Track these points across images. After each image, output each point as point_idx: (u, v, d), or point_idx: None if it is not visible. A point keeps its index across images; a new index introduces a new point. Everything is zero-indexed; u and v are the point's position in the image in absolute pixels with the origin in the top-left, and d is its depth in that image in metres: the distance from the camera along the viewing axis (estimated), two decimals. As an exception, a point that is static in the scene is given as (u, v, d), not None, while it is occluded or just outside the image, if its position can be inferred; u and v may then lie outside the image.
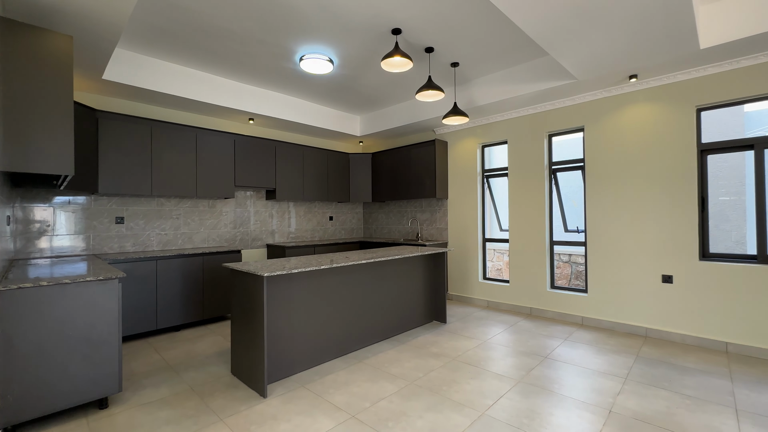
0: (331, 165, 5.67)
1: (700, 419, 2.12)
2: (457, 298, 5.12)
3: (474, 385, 2.57)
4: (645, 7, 2.34)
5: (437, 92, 3.44)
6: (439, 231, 5.34)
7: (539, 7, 2.34)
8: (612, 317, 3.77)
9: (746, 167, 4.72)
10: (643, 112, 3.60)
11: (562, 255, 5.32)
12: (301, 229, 5.67)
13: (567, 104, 4.08)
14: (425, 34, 3.20)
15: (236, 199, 4.91)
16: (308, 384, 2.60)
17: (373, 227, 6.40)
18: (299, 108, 4.94)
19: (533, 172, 4.36)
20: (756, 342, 3.02)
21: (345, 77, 4.18)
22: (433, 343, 3.41)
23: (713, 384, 2.54)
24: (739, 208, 4.89)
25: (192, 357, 3.12)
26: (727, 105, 3.25)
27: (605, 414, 2.19)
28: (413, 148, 5.33)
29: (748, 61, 3.05)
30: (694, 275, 3.31)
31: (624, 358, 3.00)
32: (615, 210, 3.77)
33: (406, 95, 4.83)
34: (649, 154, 3.55)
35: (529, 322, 4.06)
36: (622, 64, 3.18)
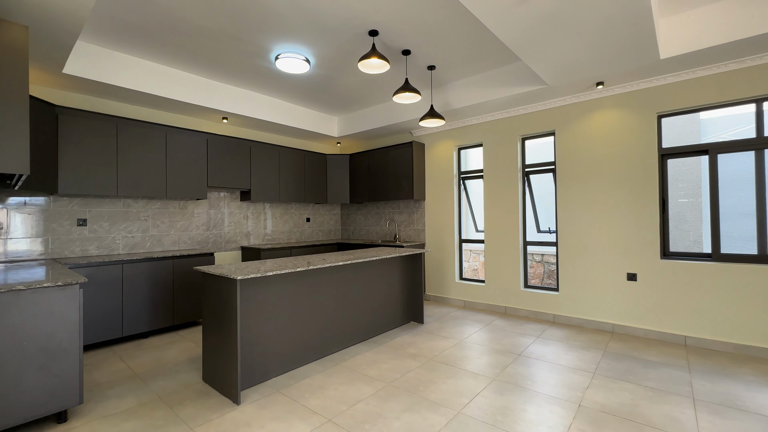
0: (308, 166, 5.61)
1: (662, 409, 2.23)
2: (435, 299, 5.17)
3: (450, 384, 2.60)
4: (610, 18, 2.46)
5: (414, 94, 3.47)
6: (417, 232, 5.38)
7: (511, 13, 2.40)
8: (581, 314, 3.92)
9: (702, 171, 5.04)
10: (610, 117, 3.76)
11: (535, 255, 5.48)
12: (278, 231, 5.57)
13: (539, 109, 4.21)
14: (402, 36, 3.23)
15: (209, 200, 4.76)
16: (284, 389, 2.55)
17: (351, 229, 6.37)
18: (275, 108, 4.86)
19: (507, 175, 4.47)
20: (711, 335, 3.22)
21: (322, 77, 4.15)
22: (410, 343, 3.43)
23: (673, 376, 2.69)
24: (696, 209, 5.21)
25: (161, 365, 3.00)
26: (685, 112, 3.46)
27: (575, 408, 2.26)
28: (391, 150, 5.35)
29: (704, 72, 3.25)
30: (656, 273, 3.49)
31: (592, 354, 3.13)
32: (584, 211, 3.92)
33: (384, 97, 4.84)
34: (615, 158, 3.72)
35: (503, 320, 4.15)
36: (590, 72, 3.32)
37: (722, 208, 3.33)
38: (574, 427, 2.07)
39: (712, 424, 2.07)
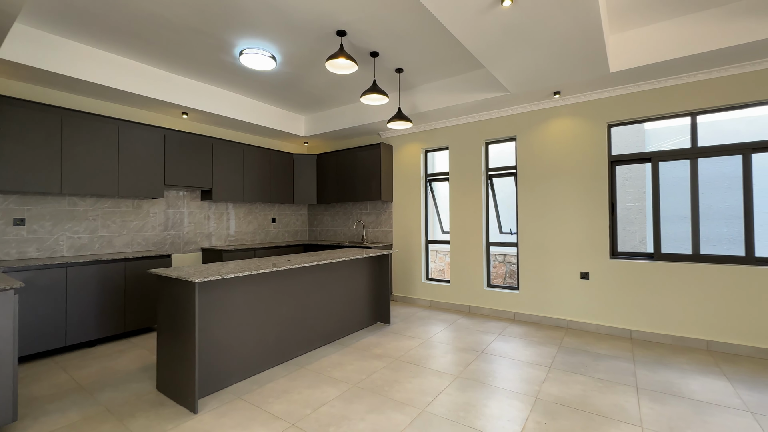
0: (274, 165, 5.47)
1: (609, 399, 2.39)
2: (401, 299, 5.22)
3: (415, 383, 2.63)
4: (565, 32, 2.61)
5: (382, 96, 3.49)
6: (384, 233, 5.41)
7: (476, 22, 2.49)
8: (540, 312, 4.11)
9: (646, 177, 5.47)
10: (565, 125, 3.99)
11: (498, 255, 5.69)
12: (241, 232, 5.39)
13: (502, 115, 4.38)
14: (370, 38, 3.24)
15: (167, 199, 4.52)
16: (245, 395, 2.47)
17: (318, 229, 6.29)
18: (239, 104, 4.70)
19: (472, 177, 4.61)
20: (653, 328, 3.49)
21: (289, 75, 4.07)
22: (376, 344, 3.44)
23: (620, 367, 2.89)
24: (642, 212, 5.64)
25: (109, 374, 2.80)
26: (632, 123, 3.74)
27: (532, 401, 2.37)
28: (359, 151, 5.35)
29: (648, 86, 3.53)
30: (606, 272, 3.73)
31: (549, 349, 3.29)
32: (542, 213, 4.12)
33: (352, 97, 4.83)
34: (570, 164, 3.95)
35: (467, 319, 4.27)
36: (548, 81, 3.50)
37: (663, 212, 3.63)
38: (530, 419, 2.17)
39: (652, 410, 2.25)
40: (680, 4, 2.82)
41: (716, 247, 3.49)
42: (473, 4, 2.29)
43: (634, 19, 3.03)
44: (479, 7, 2.32)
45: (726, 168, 3.44)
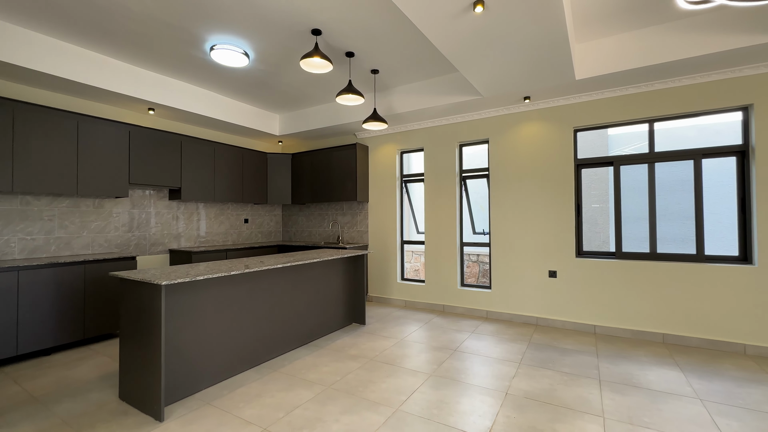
0: (246, 164, 5.34)
1: (574, 391, 2.50)
2: (377, 299, 5.23)
3: (390, 383, 2.65)
4: (534, 40, 2.71)
5: (357, 97, 3.49)
6: (360, 234, 5.40)
7: (450, 26, 2.54)
8: (511, 310, 4.24)
9: (609, 180, 5.76)
10: (535, 129, 4.14)
11: (472, 255, 5.82)
12: (212, 233, 5.23)
13: (475, 118, 4.49)
14: (346, 38, 3.23)
15: (132, 198, 4.31)
16: (215, 400, 2.40)
17: (292, 230, 6.19)
18: (211, 101, 4.56)
19: (446, 179, 4.69)
20: (615, 323, 3.68)
21: (263, 73, 3.99)
22: (351, 345, 3.43)
23: (584, 361, 3.03)
24: (605, 213, 5.93)
25: (67, 384, 2.64)
26: (596, 128, 3.93)
27: (502, 396, 2.44)
28: (335, 151, 5.32)
29: (610, 93, 3.72)
30: (572, 270, 3.90)
31: (519, 345, 3.40)
32: (513, 214, 4.25)
33: (328, 97, 4.80)
34: (539, 166, 4.10)
35: (441, 318, 4.34)
36: (518, 86, 3.62)
37: (624, 213, 3.84)
38: (501, 413, 2.23)
39: (613, 401, 2.37)
40: (639, 17, 3.00)
41: (671, 246, 3.73)
42: (447, 9, 2.33)
43: (597, 30, 3.19)
44: (453, 12, 2.37)
45: (680, 172, 3.68)
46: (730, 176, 3.41)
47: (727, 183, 3.45)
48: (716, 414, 2.20)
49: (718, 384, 2.59)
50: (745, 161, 3.29)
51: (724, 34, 2.86)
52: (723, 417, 2.17)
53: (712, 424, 2.10)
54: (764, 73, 3.13)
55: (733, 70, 3.21)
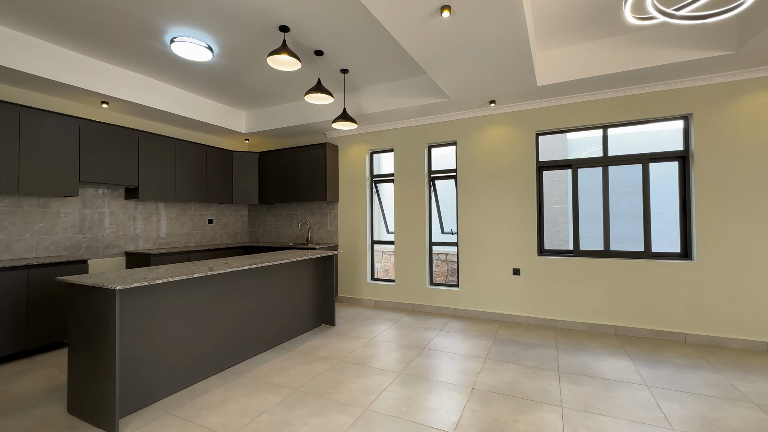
0: (211, 162, 5.14)
1: (536, 384, 2.62)
2: (347, 300, 5.21)
3: (359, 383, 2.65)
4: (498, 46, 2.81)
5: (326, 96, 3.46)
6: (330, 234, 5.36)
7: (418, 29, 2.58)
8: (478, 307, 4.37)
9: (568, 182, 6.08)
10: (500, 132, 4.29)
11: (440, 254, 5.93)
12: (174, 234, 4.99)
13: (443, 120, 4.58)
14: (315, 36, 3.20)
15: (82, 197, 4.03)
16: (176, 409, 2.29)
17: (260, 231, 6.03)
18: (171, 96, 4.35)
19: (416, 179, 4.76)
20: (573, 317, 3.89)
21: (228, 68, 3.86)
22: (321, 346, 3.40)
23: (545, 354, 3.18)
24: (565, 213, 6.26)
25: (7, 399, 2.42)
26: (556, 132, 4.13)
27: (468, 391, 2.52)
28: (304, 150, 5.24)
29: (569, 100, 3.93)
30: (534, 268, 4.08)
31: (485, 341, 3.51)
32: (480, 214, 4.39)
33: (297, 95, 4.72)
34: (504, 168, 4.25)
35: (411, 317, 4.40)
36: (484, 90, 3.74)
37: (581, 213, 4.06)
38: (467, 408, 2.30)
39: (570, 391, 2.50)
40: (594, 29, 3.19)
41: (623, 244, 4.00)
42: (415, 13, 2.37)
43: (557, 39, 3.36)
44: (421, 15, 2.41)
45: (630, 175, 3.95)
46: (673, 179, 3.71)
47: (671, 185, 3.75)
48: (660, 398, 2.39)
49: (663, 371, 2.80)
50: (686, 166, 3.59)
51: (667, 49, 3.11)
52: (666, 401, 2.36)
53: (657, 407, 2.28)
54: (702, 86, 3.43)
55: (676, 81, 3.49)
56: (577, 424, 2.11)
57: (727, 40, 2.94)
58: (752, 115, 3.26)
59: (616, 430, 2.05)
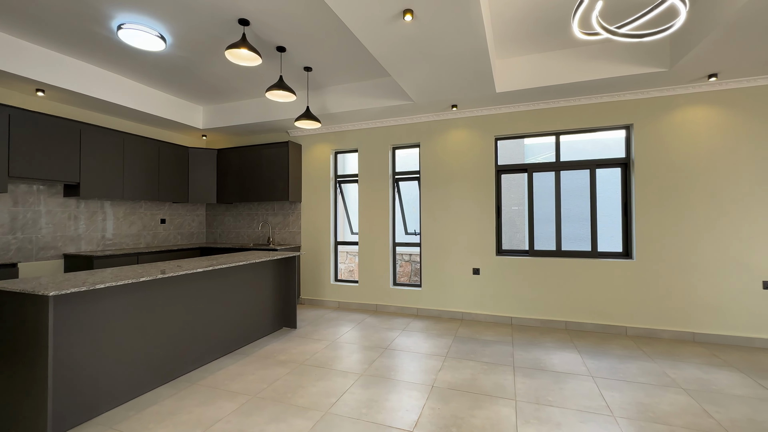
0: (164, 159, 4.85)
1: (492, 379, 2.72)
2: (310, 302, 5.13)
3: (320, 386, 2.61)
4: (458, 52, 2.89)
5: (288, 94, 3.39)
6: (292, 235, 5.24)
7: (381, 31, 2.59)
8: (439, 306, 4.46)
9: (525, 185, 6.38)
10: (462, 136, 4.42)
11: (405, 255, 6.00)
12: (121, 235, 4.65)
13: (407, 122, 4.64)
14: (277, 32, 3.11)
15: (13, 194, 3.64)
16: (119, 423, 2.13)
17: (218, 231, 5.78)
18: (120, 86, 4.05)
19: (380, 180, 4.78)
20: (528, 314, 4.09)
21: (184, 60, 3.66)
22: (281, 350, 3.31)
23: (502, 350, 3.31)
24: (522, 215, 6.56)
25: None
26: (513, 137, 4.32)
27: (428, 389, 2.56)
28: (265, 148, 5.09)
29: (525, 107, 4.13)
30: (492, 267, 4.24)
31: (445, 340, 3.59)
32: (441, 215, 4.49)
33: (259, 91, 4.58)
34: (465, 171, 4.38)
35: (374, 318, 4.40)
36: (446, 95, 3.83)
37: (536, 215, 4.28)
38: (427, 406, 2.34)
39: (524, 384, 2.63)
40: (547, 42, 3.37)
41: (573, 244, 4.26)
42: (378, 15, 2.38)
43: (515, 49, 3.51)
44: (384, 18, 2.42)
45: (579, 180, 4.21)
46: (616, 184, 4.00)
47: (615, 190, 4.05)
48: (603, 388, 2.57)
49: (606, 362, 3.02)
50: (627, 172, 3.89)
51: (611, 64, 3.36)
52: (608, 390, 2.54)
53: (600, 396, 2.45)
54: (641, 99, 3.73)
55: (619, 94, 3.77)
56: (529, 416, 2.22)
57: (662, 59, 3.22)
58: (684, 127, 3.60)
59: (564, 419, 2.18)
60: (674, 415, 2.21)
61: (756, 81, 3.36)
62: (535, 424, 2.13)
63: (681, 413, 2.23)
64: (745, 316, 3.39)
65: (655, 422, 2.14)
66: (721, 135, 3.49)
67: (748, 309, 3.38)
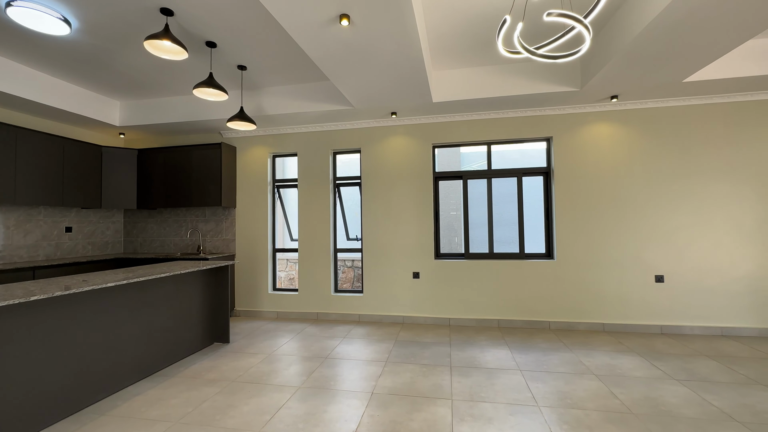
0: (70, 159, 4.26)
1: (431, 380, 2.78)
2: (245, 314, 4.83)
3: (253, 404, 2.45)
4: (395, 61, 2.95)
5: (219, 92, 3.19)
6: (226, 242, 4.91)
7: (318, 34, 2.55)
8: (381, 311, 4.48)
9: (461, 191, 6.71)
10: (401, 143, 4.51)
11: (347, 261, 5.94)
12: (13, 246, 3.97)
13: (348, 127, 4.63)
14: (205, 26, 2.91)
15: None
16: (0, 472, 1.79)
17: (139, 240, 5.21)
18: (11, 73, 3.48)
19: (320, 185, 4.69)
20: (464, 315, 4.28)
21: (96, 49, 3.26)
22: (210, 368, 3.06)
23: (440, 351, 3.41)
24: (460, 220, 6.89)
25: None
26: (450, 146, 4.52)
27: (368, 397, 2.54)
28: (195, 150, 4.72)
29: (460, 117, 4.35)
30: (431, 271, 4.37)
31: (386, 345, 3.61)
32: (383, 221, 4.53)
33: (186, 88, 4.24)
34: (405, 177, 4.48)
35: (315, 327, 4.28)
36: (385, 102, 3.89)
37: (471, 219, 4.52)
38: (366, 414, 2.31)
39: (460, 383, 2.72)
40: (478, 57, 3.59)
41: (504, 247, 4.56)
42: (314, 17, 2.34)
43: (449, 62, 3.69)
44: (320, 21, 2.39)
45: (509, 187, 4.53)
46: (540, 191, 4.38)
47: (539, 196, 4.42)
48: (530, 380, 2.76)
49: (532, 356, 3.26)
50: (549, 180, 4.28)
51: (533, 81, 3.68)
52: (534, 381, 2.74)
53: (527, 388, 2.63)
54: (559, 114, 4.14)
55: (541, 109, 4.15)
56: (464, 413, 2.30)
57: (575, 80, 3.61)
58: (593, 141, 4.06)
59: (495, 413, 2.29)
60: (588, 400, 2.45)
61: (647, 104, 3.92)
62: (469, 421, 2.21)
63: (593, 397, 2.48)
64: (642, 306, 3.90)
65: (573, 408, 2.35)
66: (621, 149, 4.00)
67: (645, 300, 3.90)
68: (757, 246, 3.71)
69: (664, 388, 2.60)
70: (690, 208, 3.85)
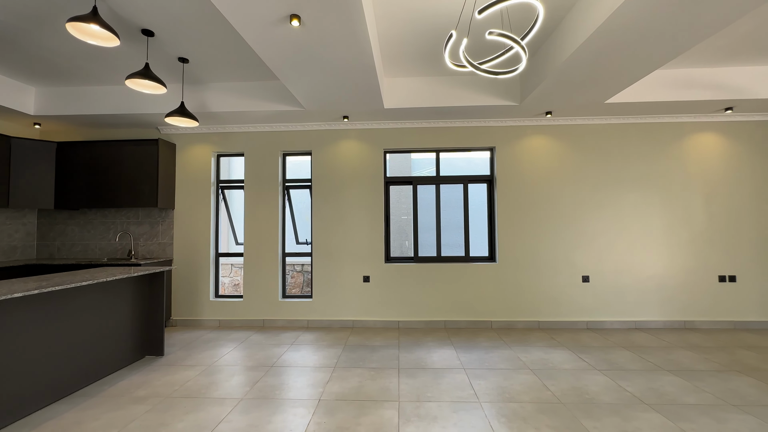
0: (-32, 150, 3.68)
1: (379, 384, 2.80)
2: (184, 323, 4.50)
3: (189, 420, 2.29)
4: (346, 64, 2.96)
5: (156, 84, 2.96)
6: (162, 247, 4.55)
7: (266, 32, 2.47)
8: (330, 316, 4.42)
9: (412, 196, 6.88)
10: (353, 147, 4.52)
11: (296, 265, 5.79)
12: None
13: (299, 129, 4.53)
14: (141, 12, 2.70)
15: None
16: None
17: (56, 244, 4.63)
18: None
19: (269, 187, 4.53)
20: (413, 317, 4.37)
21: (5, 26, 2.86)
22: (140, 384, 2.80)
23: (389, 354, 3.45)
24: (411, 224, 7.05)
25: None
26: (400, 152, 4.62)
27: (315, 404, 2.49)
28: (128, 145, 4.32)
29: (410, 124, 4.47)
30: (381, 274, 4.42)
31: (335, 350, 3.57)
32: (333, 224, 4.49)
33: (119, 78, 3.88)
34: (357, 181, 4.49)
35: (260, 334, 4.11)
36: (336, 105, 3.88)
37: (420, 224, 4.65)
38: (312, 422, 2.26)
39: (407, 385, 2.78)
40: (427, 67, 3.72)
41: (450, 250, 4.75)
42: (264, 15, 2.27)
43: (400, 70, 3.78)
44: (270, 20, 2.32)
45: (456, 193, 4.74)
46: (484, 197, 4.63)
47: (483, 202, 4.68)
48: (473, 377, 2.90)
49: (475, 354, 3.42)
50: (492, 187, 4.55)
51: (478, 94, 3.90)
52: (476, 379, 2.87)
53: (470, 386, 2.75)
54: (501, 126, 4.43)
55: (485, 120, 4.40)
56: (410, 414, 2.35)
57: (515, 95, 3.89)
58: (531, 152, 4.40)
59: (440, 412, 2.37)
60: (524, 393, 2.62)
61: (575, 120, 4.34)
62: (415, 421, 2.26)
63: (528, 390, 2.67)
64: (571, 304, 4.28)
65: (510, 402, 2.50)
66: (554, 160, 4.37)
67: (573, 298, 4.28)
68: (663, 248, 4.26)
69: (588, 378, 2.87)
70: (609, 214, 4.31)
